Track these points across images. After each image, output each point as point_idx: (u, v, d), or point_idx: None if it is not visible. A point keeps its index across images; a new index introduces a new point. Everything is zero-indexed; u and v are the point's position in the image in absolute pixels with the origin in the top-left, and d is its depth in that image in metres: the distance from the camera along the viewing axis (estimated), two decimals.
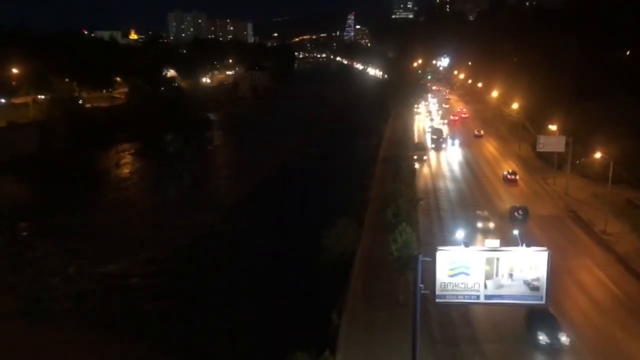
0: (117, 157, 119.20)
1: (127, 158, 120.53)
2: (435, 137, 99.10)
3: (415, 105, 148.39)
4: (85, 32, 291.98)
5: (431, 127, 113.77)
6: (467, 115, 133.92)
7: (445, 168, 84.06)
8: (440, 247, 27.75)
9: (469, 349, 34.34)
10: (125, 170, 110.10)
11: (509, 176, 73.90)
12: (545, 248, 26.90)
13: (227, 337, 41.07)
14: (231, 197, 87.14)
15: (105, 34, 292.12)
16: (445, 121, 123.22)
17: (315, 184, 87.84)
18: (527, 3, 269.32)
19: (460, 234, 28.64)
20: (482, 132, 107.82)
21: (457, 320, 37.34)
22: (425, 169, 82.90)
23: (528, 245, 26.78)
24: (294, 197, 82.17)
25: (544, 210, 61.64)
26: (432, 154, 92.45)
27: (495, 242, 27.62)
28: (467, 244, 27.27)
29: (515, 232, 28.96)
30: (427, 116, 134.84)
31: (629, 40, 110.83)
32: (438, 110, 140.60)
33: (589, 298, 40.95)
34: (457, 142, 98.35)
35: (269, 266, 54.77)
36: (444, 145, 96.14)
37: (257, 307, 45.11)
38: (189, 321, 44.60)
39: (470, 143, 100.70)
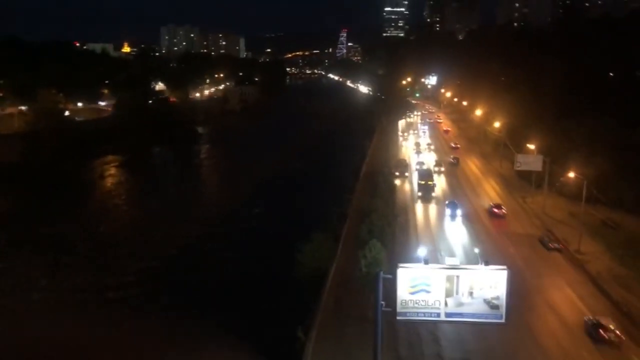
0: (102, 169, 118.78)
1: (112, 170, 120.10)
2: (422, 182, 76.47)
3: (401, 133, 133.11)
4: (77, 44, 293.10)
5: (419, 164, 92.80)
6: (441, 121, 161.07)
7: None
8: (400, 264, 27.92)
9: None
10: (109, 182, 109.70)
11: (452, 144, 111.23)
12: (504, 267, 27.10)
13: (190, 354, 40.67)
14: (214, 211, 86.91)
15: (98, 47, 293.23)
16: (441, 169, 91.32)
17: (297, 199, 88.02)
18: (516, 24, 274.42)
19: (422, 251, 28.77)
20: (449, 129, 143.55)
21: (425, 337, 37.34)
22: (407, 186, 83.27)
23: (487, 264, 27.03)
24: (276, 211, 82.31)
25: (520, 229, 62.01)
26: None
27: (455, 260, 27.91)
28: (427, 261, 27.46)
29: (476, 250, 29.15)
30: (414, 149, 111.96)
31: (613, 63, 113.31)
32: (430, 145, 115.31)
33: (558, 318, 41.04)
34: (459, 212, 65.44)
35: (244, 281, 54.49)
36: (433, 194, 75.21)
37: (227, 321, 44.73)
38: (159, 333, 44.13)
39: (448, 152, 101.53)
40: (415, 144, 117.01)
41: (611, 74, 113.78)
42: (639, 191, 63.61)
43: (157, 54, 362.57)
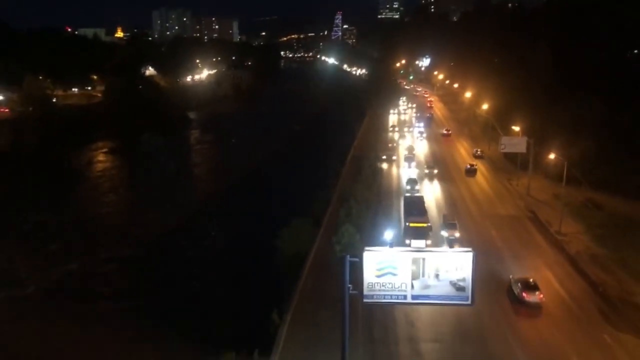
0: (90, 156, 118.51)
1: (101, 156, 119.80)
2: (411, 224, 42.91)
3: (391, 128, 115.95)
4: (69, 30, 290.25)
5: (409, 183, 68.57)
6: (428, 97, 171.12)
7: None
8: (367, 248, 27.91)
9: (407, 348, 34.56)
10: (98, 169, 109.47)
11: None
12: (470, 249, 27.10)
13: (172, 335, 40.80)
14: (201, 196, 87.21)
15: (90, 32, 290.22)
16: (454, 235, 44.82)
17: (284, 184, 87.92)
18: (510, 5, 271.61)
19: (388, 234, 28.75)
20: (432, 99, 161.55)
21: (400, 320, 37.51)
22: (394, 170, 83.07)
23: (451, 246, 27.10)
24: (262, 197, 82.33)
25: (503, 210, 62.08)
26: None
27: (421, 243, 27.97)
28: (392, 245, 27.47)
29: (444, 232, 29.11)
30: (406, 154, 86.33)
31: (604, 44, 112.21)
32: (432, 169, 77.70)
33: None
34: None
35: (224, 268, 54.58)
36: (429, 242, 40.74)
37: (204, 306, 44.89)
38: (143, 316, 44.28)
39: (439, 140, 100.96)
40: (408, 149, 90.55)
41: (602, 56, 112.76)
42: (622, 173, 63.62)
43: (149, 38, 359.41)
